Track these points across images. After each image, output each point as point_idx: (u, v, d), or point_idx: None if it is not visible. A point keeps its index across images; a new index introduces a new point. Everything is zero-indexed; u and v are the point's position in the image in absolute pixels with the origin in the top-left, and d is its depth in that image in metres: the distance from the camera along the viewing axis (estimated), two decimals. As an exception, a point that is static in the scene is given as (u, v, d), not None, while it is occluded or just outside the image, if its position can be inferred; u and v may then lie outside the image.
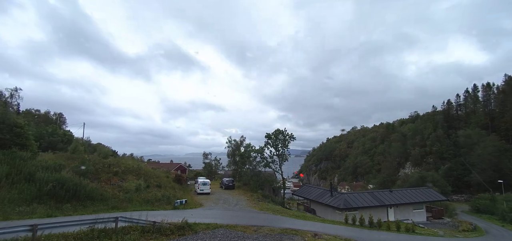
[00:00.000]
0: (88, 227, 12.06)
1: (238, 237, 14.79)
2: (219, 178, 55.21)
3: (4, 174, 19.39)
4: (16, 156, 22.47)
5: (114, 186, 25.36)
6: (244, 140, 51.03)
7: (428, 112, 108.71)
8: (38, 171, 20.70)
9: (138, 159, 60.84)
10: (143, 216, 14.66)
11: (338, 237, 17.80)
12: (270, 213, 25.37)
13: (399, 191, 39.57)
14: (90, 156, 32.29)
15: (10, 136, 25.48)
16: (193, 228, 15.59)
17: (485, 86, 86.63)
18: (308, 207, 39.52)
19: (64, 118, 69.27)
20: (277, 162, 46.87)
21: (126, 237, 12.40)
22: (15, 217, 15.94)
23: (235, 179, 45.79)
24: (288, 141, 46.85)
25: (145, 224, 14.00)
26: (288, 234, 16.55)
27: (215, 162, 62.47)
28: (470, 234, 29.95)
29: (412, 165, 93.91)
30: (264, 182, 43.34)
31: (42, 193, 18.97)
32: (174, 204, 24.64)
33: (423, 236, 24.40)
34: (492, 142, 65.95)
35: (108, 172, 27.72)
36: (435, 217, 37.94)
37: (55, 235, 11.09)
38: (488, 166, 62.42)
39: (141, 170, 31.91)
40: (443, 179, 59.82)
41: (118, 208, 21.28)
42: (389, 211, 34.58)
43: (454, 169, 73.68)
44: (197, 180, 38.44)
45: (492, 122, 79.58)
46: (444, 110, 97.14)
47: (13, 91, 45.03)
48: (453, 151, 79.11)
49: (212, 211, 23.92)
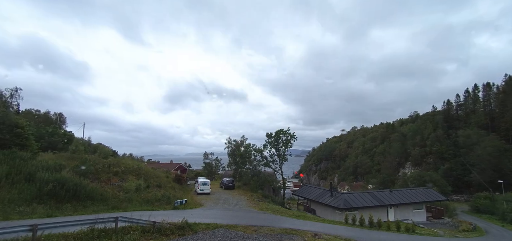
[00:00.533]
0: (88, 227, 12.07)
1: (238, 237, 14.79)
2: (219, 178, 55.18)
3: (4, 174, 19.42)
4: (16, 156, 22.49)
5: (114, 186, 25.38)
6: (244, 140, 51.11)
7: (428, 112, 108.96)
8: (38, 171, 20.71)
9: (138, 159, 60.88)
10: (143, 216, 14.67)
11: (338, 237, 17.81)
12: (270, 213, 25.38)
13: (399, 191, 39.60)
14: (90, 156, 32.31)
15: (10, 136, 25.50)
16: (193, 228, 15.60)
17: (485, 86, 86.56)
18: (308, 207, 39.51)
19: (64, 118, 69.33)
20: (277, 162, 46.82)
21: (126, 237, 12.41)
22: (15, 217, 15.95)
23: (235, 179, 45.78)
24: (290, 142, 46.49)
25: (145, 224, 14.00)
26: (288, 234, 16.56)
27: (215, 162, 62.47)
28: (470, 234, 29.97)
29: (412, 165, 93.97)
30: (264, 182, 43.28)
31: (42, 193, 18.98)
32: (174, 204, 24.64)
33: (423, 236, 24.42)
34: (492, 142, 65.87)
35: (108, 172, 27.74)
36: (435, 217, 37.95)
37: (55, 235, 11.10)
38: (488, 166, 62.39)
39: (141, 170, 31.93)
40: (443, 179, 59.82)
41: (118, 208, 21.29)
42: (389, 211, 34.59)
43: (454, 169, 73.67)
44: (197, 180, 38.46)
45: (492, 122, 79.53)
46: (444, 110, 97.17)
47: (13, 91, 45.00)
48: (453, 151, 79.07)
49: (212, 211, 23.93)
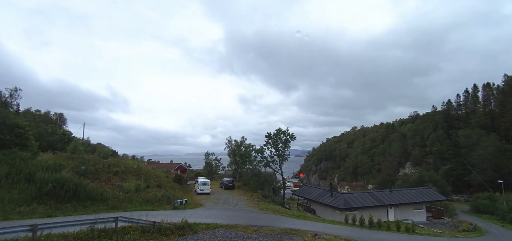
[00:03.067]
0: (88, 227, 12.08)
1: (238, 237, 14.79)
2: (219, 178, 55.20)
3: (4, 174, 19.42)
4: (16, 156, 22.50)
5: (114, 186, 25.37)
6: (244, 141, 51.15)
7: (428, 112, 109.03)
8: (38, 171, 20.70)
9: (138, 159, 60.86)
10: (143, 216, 14.66)
11: (338, 237, 17.80)
12: (270, 213, 25.38)
13: (399, 191, 39.57)
14: (90, 156, 32.31)
15: (10, 136, 25.48)
16: (193, 228, 15.59)
17: (485, 86, 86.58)
18: (308, 207, 39.49)
19: (64, 118, 69.38)
20: (277, 162, 46.83)
21: (126, 237, 12.42)
22: (15, 217, 15.96)
23: (235, 179, 45.78)
24: (290, 142, 46.69)
25: (145, 224, 14.00)
26: (288, 234, 16.56)
27: (215, 162, 62.50)
28: (470, 234, 29.97)
29: (412, 165, 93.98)
30: (264, 182, 43.28)
31: (42, 193, 18.99)
32: (174, 204, 24.62)
33: (423, 236, 24.41)
34: (492, 142, 65.86)
35: (108, 172, 27.74)
36: (435, 217, 37.92)
37: (55, 235, 11.10)
38: (488, 166, 62.35)
39: (141, 170, 31.93)
40: (443, 179, 59.80)
41: (118, 208, 21.28)
42: (389, 211, 34.57)
43: (454, 169, 73.58)
44: (197, 180, 38.46)
45: (492, 122, 79.49)
46: (444, 110, 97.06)
47: (13, 91, 44.97)
48: (453, 151, 79.02)
49: (212, 211, 23.92)
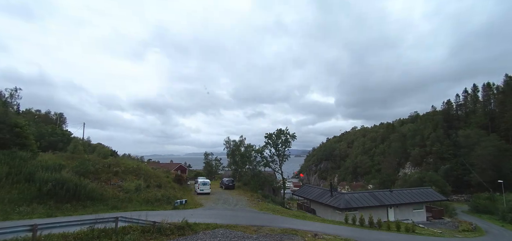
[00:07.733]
0: (88, 227, 12.08)
1: (238, 237, 14.79)
2: (219, 178, 55.19)
3: (4, 174, 19.41)
4: (16, 156, 22.47)
5: (114, 186, 25.35)
6: (244, 140, 51.12)
7: (428, 112, 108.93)
8: (38, 171, 20.66)
9: (138, 159, 60.87)
10: (143, 216, 14.64)
11: (338, 237, 17.80)
12: (270, 213, 25.38)
13: (399, 191, 39.56)
14: (89, 156, 32.29)
15: (10, 136, 25.41)
16: (193, 228, 15.60)
17: (485, 86, 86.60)
18: (308, 207, 39.49)
19: (64, 118, 69.39)
20: (277, 162, 46.86)
21: (126, 237, 12.41)
22: (15, 217, 15.95)
23: (235, 179, 45.78)
24: (290, 141, 46.75)
25: (145, 224, 14.00)
26: (288, 234, 16.56)
27: (215, 162, 62.47)
28: (470, 234, 29.96)
29: (412, 165, 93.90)
30: (264, 182, 43.32)
31: (42, 193, 18.97)
32: (174, 204, 24.62)
33: (423, 236, 24.41)
34: (492, 142, 65.94)
35: (108, 172, 27.71)
36: (435, 217, 37.91)
37: (55, 235, 11.09)
38: (488, 166, 62.44)
39: (141, 170, 31.90)
40: (443, 179, 59.82)
41: (118, 208, 21.26)
42: (389, 211, 34.57)
43: (454, 169, 73.62)
44: (197, 180, 38.44)
45: (492, 122, 79.54)
46: (444, 110, 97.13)
47: (13, 91, 44.96)
48: (453, 151, 79.07)
49: (212, 211, 23.91)
